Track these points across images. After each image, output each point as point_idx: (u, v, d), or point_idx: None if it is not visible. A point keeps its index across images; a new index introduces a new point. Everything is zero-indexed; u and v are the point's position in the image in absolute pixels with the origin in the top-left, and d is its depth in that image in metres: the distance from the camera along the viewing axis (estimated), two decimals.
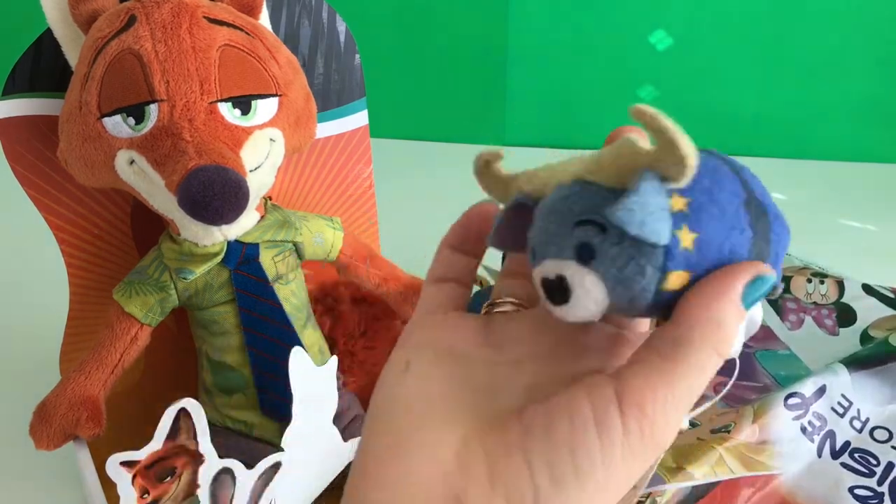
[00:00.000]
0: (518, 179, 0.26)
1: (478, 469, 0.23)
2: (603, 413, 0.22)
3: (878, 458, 0.51)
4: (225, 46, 0.45)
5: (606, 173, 0.23)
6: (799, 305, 0.65)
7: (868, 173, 1.07)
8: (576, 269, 0.23)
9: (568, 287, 0.23)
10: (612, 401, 0.22)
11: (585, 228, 0.23)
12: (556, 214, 0.23)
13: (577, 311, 0.23)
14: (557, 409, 0.23)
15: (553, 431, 0.22)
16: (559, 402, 0.23)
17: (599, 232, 0.22)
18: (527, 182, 0.26)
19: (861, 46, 1.06)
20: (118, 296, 0.51)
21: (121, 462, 0.43)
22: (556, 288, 0.23)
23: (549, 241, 0.23)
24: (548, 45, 1.13)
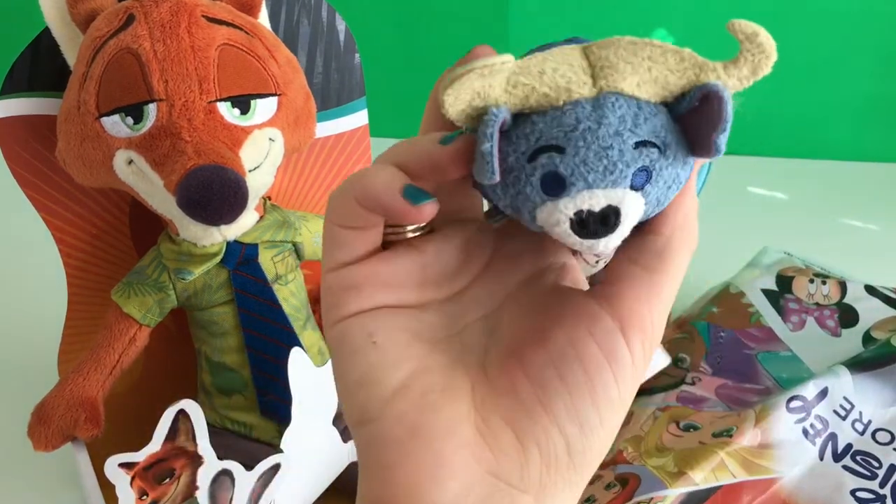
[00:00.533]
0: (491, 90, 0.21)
1: (504, 437, 0.23)
2: (610, 347, 0.22)
3: (881, 460, 0.51)
4: (224, 46, 0.45)
5: (647, 88, 0.21)
6: (801, 306, 0.65)
7: (870, 173, 1.07)
8: (632, 197, 0.20)
9: (619, 217, 0.20)
10: (614, 331, 0.23)
11: (649, 151, 0.20)
12: (609, 139, 0.20)
13: (617, 240, 0.21)
14: (563, 355, 0.23)
15: (568, 381, 0.22)
16: (561, 345, 0.23)
17: (659, 155, 0.20)
18: (504, 91, 0.21)
19: (863, 45, 1.05)
20: (117, 296, 0.51)
21: (119, 463, 0.42)
22: (598, 220, 0.20)
23: (599, 169, 0.20)
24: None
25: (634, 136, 0.20)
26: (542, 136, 0.21)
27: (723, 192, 1.01)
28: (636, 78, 0.21)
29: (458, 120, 0.21)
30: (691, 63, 0.21)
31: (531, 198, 0.21)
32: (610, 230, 0.20)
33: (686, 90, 0.21)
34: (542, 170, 0.20)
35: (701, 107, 0.21)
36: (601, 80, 0.21)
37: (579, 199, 0.20)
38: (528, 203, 0.21)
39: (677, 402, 0.57)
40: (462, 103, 0.21)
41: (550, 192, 0.21)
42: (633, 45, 0.21)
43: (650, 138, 0.20)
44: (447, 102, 0.21)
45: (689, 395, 0.57)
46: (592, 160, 0.20)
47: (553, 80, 0.21)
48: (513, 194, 0.21)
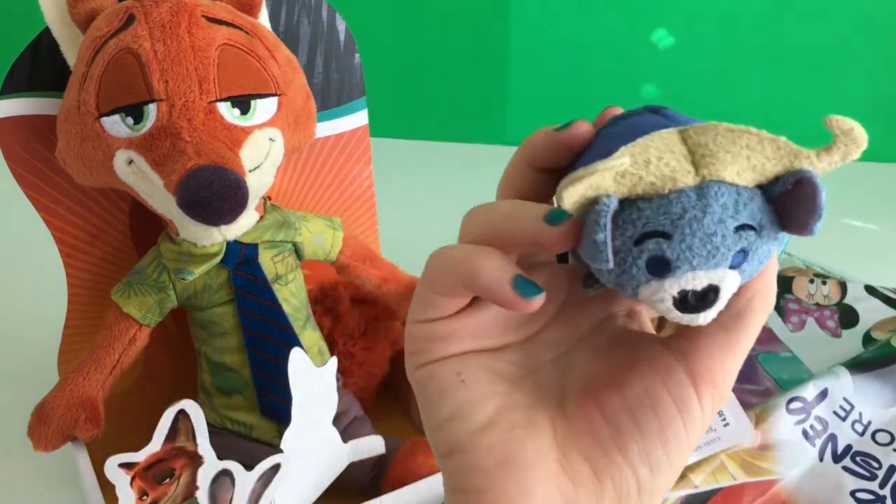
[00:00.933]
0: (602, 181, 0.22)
1: (582, 471, 0.25)
2: (683, 400, 0.24)
3: (880, 460, 0.51)
4: (224, 46, 0.45)
5: (746, 176, 0.22)
6: (801, 306, 0.65)
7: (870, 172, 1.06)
8: (731, 276, 0.22)
9: (719, 294, 0.22)
10: (687, 385, 0.24)
11: (747, 234, 0.22)
12: (713, 226, 0.22)
13: (715, 313, 0.23)
14: (639, 403, 0.25)
15: (643, 426, 0.24)
16: (637, 393, 0.25)
17: (756, 236, 0.22)
18: (613, 181, 0.22)
19: (864, 45, 1.05)
20: (117, 296, 0.51)
21: (119, 463, 0.42)
22: (699, 298, 0.22)
23: (703, 253, 0.22)
24: (548, 44, 1.12)
25: (735, 221, 0.22)
26: (650, 223, 0.22)
27: None
28: (736, 167, 0.22)
29: (573, 209, 0.23)
30: (787, 151, 0.23)
31: (636, 277, 0.22)
32: (709, 306, 0.22)
33: (780, 175, 0.23)
34: (648, 253, 0.22)
35: (793, 190, 0.23)
36: (703, 168, 0.22)
37: (683, 280, 0.22)
38: (632, 281, 0.22)
39: None
40: (576, 195, 0.22)
41: (655, 273, 0.22)
42: (731, 133, 0.22)
43: (749, 222, 0.22)
44: (565, 197, 0.22)
45: None
46: (697, 246, 0.22)
47: (658, 169, 0.22)
48: (617, 273, 0.23)
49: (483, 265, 0.23)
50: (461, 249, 0.24)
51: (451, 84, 1.17)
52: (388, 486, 0.51)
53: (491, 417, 0.25)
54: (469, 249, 0.23)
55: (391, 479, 0.52)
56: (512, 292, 0.22)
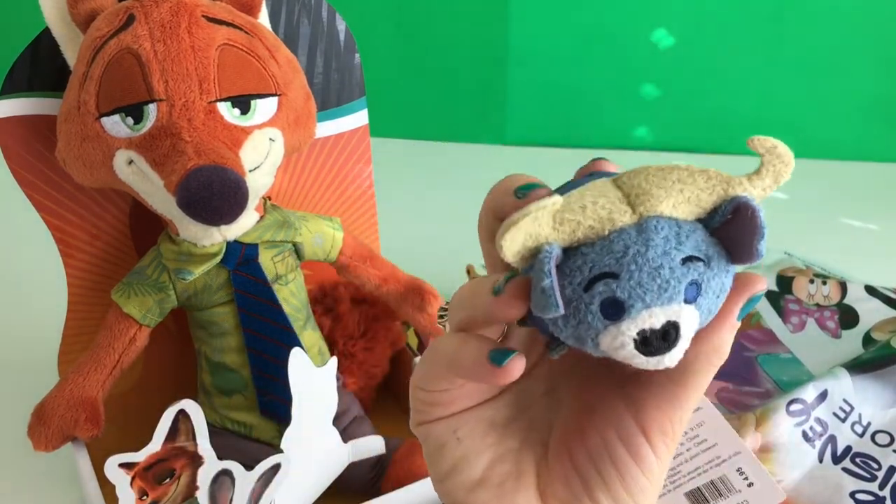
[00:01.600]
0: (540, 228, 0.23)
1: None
2: (636, 449, 0.25)
3: (880, 462, 0.51)
4: (224, 46, 0.45)
5: (682, 209, 0.23)
6: (801, 307, 0.65)
7: (870, 172, 1.07)
8: (688, 311, 0.22)
9: (679, 331, 0.22)
10: (638, 435, 0.25)
11: (696, 265, 0.22)
12: (658, 259, 0.22)
13: (679, 353, 0.22)
14: (598, 453, 0.26)
15: (604, 476, 0.26)
16: (595, 444, 0.26)
17: (705, 268, 0.22)
18: (552, 229, 0.23)
19: (864, 45, 1.05)
20: (117, 296, 0.51)
21: (119, 463, 0.42)
22: (660, 337, 0.22)
23: (654, 288, 0.21)
24: (548, 44, 1.12)
25: (680, 252, 0.22)
26: (596, 266, 0.22)
27: None
28: (671, 200, 0.23)
29: (515, 262, 0.23)
30: (718, 180, 0.23)
31: (593, 325, 0.22)
32: (672, 345, 0.22)
33: (717, 205, 0.23)
34: (600, 297, 0.22)
35: (734, 218, 0.23)
36: (639, 206, 0.23)
37: (640, 319, 0.21)
38: (590, 331, 0.22)
39: None
40: (517, 245, 0.22)
41: (610, 318, 0.22)
42: (661, 171, 0.23)
43: (695, 253, 0.22)
44: (505, 247, 0.22)
45: None
46: (647, 281, 0.21)
47: (595, 212, 0.22)
48: (574, 325, 0.22)
49: (461, 354, 0.24)
50: (446, 342, 0.25)
51: (451, 84, 1.17)
52: (388, 487, 0.51)
53: (484, 472, 0.27)
54: (451, 341, 0.25)
55: (391, 479, 0.52)
56: (491, 369, 0.23)
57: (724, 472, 0.31)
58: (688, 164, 0.23)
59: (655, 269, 0.21)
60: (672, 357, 0.22)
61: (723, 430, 0.30)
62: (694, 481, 0.31)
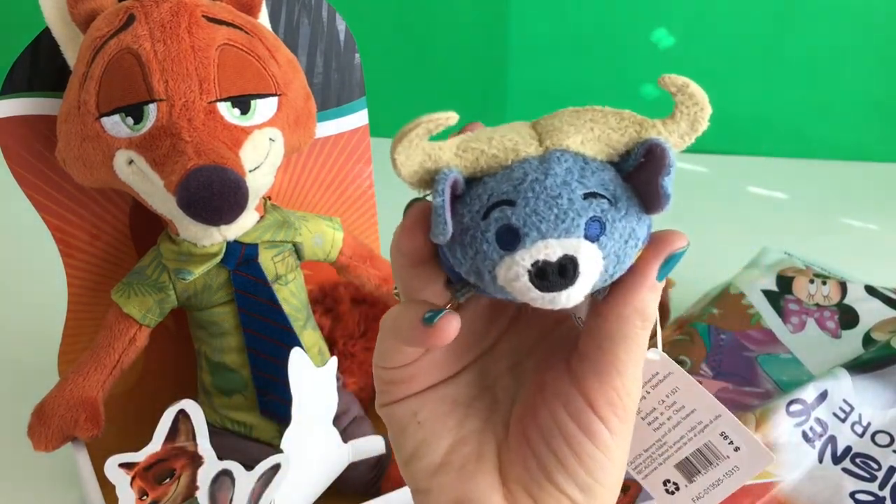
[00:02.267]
0: (441, 152, 0.22)
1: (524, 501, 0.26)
2: (587, 425, 0.25)
3: (880, 462, 0.51)
4: (224, 46, 0.45)
5: (592, 146, 0.22)
6: (801, 307, 0.65)
7: (870, 172, 1.07)
8: (587, 247, 0.20)
9: (577, 268, 0.20)
10: (586, 410, 0.25)
11: (599, 202, 0.21)
12: (557, 188, 0.21)
13: (578, 294, 0.21)
14: (550, 432, 0.25)
15: (559, 455, 0.25)
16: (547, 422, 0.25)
17: (610, 206, 0.21)
18: (455, 155, 0.22)
19: (864, 46, 1.05)
20: (117, 296, 0.51)
21: (119, 463, 0.42)
22: (556, 271, 0.20)
23: (550, 218, 0.20)
24: (548, 43, 1.12)
25: (582, 186, 0.21)
26: (494, 193, 0.21)
27: (723, 192, 1.01)
28: (580, 137, 0.22)
29: (412, 181, 0.22)
30: (631, 121, 0.22)
31: (489, 255, 0.21)
32: (569, 282, 0.20)
33: (630, 148, 0.22)
34: (495, 224, 0.21)
35: (646, 162, 0.22)
36: (546, 140, 0.22)
37: (534, 249, 0.20)
38: (486, 261, 0.21)
39: None
40: (414, 164, 0.22)
41: (506, 247, 0.21)
42: (576, 112, 0.23)
43: (598, 190, 0.21)
44: (398, 162, 0.22)
45: None
46: (543, 209, 0.20)
47: (501, 143, 0.22)
48: (471, 255, 0.21)
49: (400, 320, 0.24)
50: (390, 312, 0.25)
51: (451, 84, 1.17)
52: (388, 487, 0.51)
53: (444, 456, 0.26)
54: (394, 310, 0.25)
55: (391, 479, 0.52)
56: (424, 329, 0.23)
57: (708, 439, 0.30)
58: (604, 107, 0.22)
59: (553, 197, 0.21)
60: (570, 296, 0.21)
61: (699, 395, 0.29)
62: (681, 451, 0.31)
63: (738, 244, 0.73)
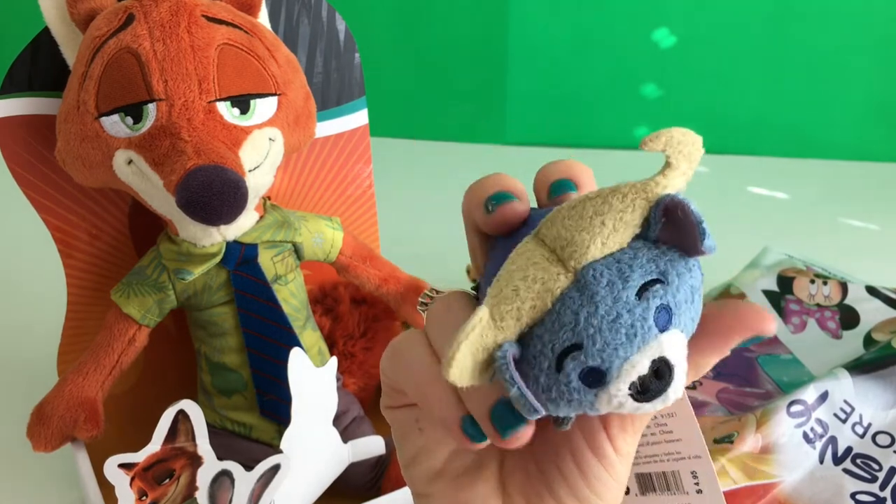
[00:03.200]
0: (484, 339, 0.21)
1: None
2: (596, 444, 0.25)
3: (881, 462, 0.51)
4: (224, 45, 0.45)
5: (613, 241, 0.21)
6: (802, 307, 0.65)
7: (871, 172, 1.07)
8: (669, 339, 0.20)
9: (670, 364, 0.20)
10: (599, 429, 0.25)
11: (654, 289, 0.20)
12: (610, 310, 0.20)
13: (680, 384, 0.21)
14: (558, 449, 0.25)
15: (564, 472, 0.25)
16: (556, 438, 0.25)
17: (662, 287, 0.20)
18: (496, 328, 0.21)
19: (864, 46, 1.05)
20: (116, 296, 0.51)
21: (119, 464, 0.42)
22: (654, 377, 0.20)
23: (623, 341, 0.20)
24: (548, 44, 1.12)
25: (631, 289, 0.20)
26: (556, 344, 0.21)
27: (723, 192, 1.01)
28: (598, 240, 0.21)
29: (475, 382, 0.21)
30: (633, 193, 0.21)
31: (584, 399, 0.21)
32: (670, 380, 0.20)
33: (647, 216, 0.21)
34: (575, 372, 0.20)
35: (668, 220, 0.21)
36: (569, 261, 0.21)
37: (624, 374, 0.20)
38: (583, 404, 0.21)
39: None
40: (468, 370, 0.21)
41: (596, 385, 0.20)
42: (574, 210, 0.21)
43: (647, 279, 0.20)
44: (457, 379, 0.21)
45: (690, 400, 0.57)
46: (612, 337, 0.20)
47: (530, 289, 0.21)
48: (566, 404, 0.21)
49: (435, 400, 0.23)
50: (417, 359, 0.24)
51: (450, 84, 1.17)
52: (388, 487, 0.51)
53: (445, 463, 0.26)
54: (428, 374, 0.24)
55: (391, 479, 0.52)
56: (459, 434, 0.23)
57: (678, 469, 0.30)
58: (598, 190, 0.21)
59: (613, 321, 0.20)
60: (676, 390, 0.21)
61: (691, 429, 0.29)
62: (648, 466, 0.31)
63: (739, 244, 0.73)
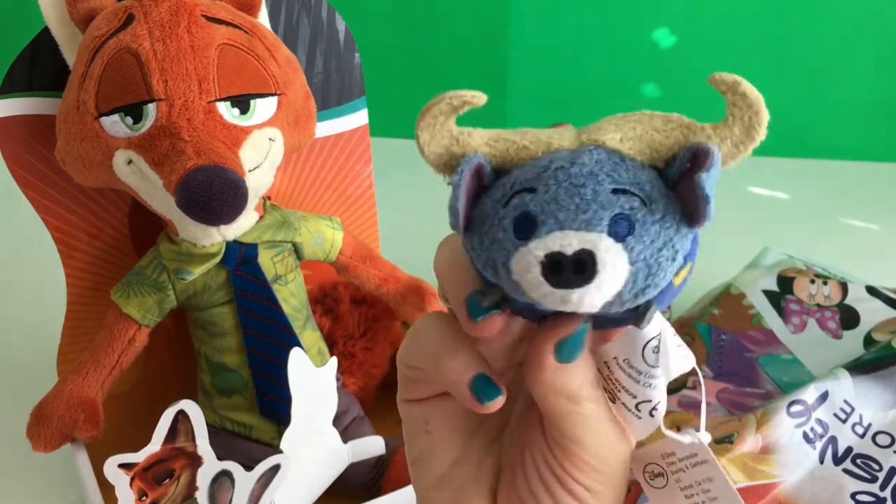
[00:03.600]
0: (470, 138, 0.21)
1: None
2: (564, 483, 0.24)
3: (881, 463, 0.51)
4: (224, 45, 0.45)
5: (632, 145, 0.20)
6: (802, 307, 0.65)
7: (871, 172, 1.07)
8: (609, 244, 0.18)
9: (596, 264, 0.18)
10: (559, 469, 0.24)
11: (630, 199, 0.19)
12: (582, 178, 0.19)
13: (594, 297, 0.19)
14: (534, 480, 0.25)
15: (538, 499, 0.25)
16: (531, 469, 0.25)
17: (641, 206, 0.19)
18: (485, 143, 0.21)
19: (866, 45, 1.05)
20: (116, 296, 0.51)
21: (119, 464, 0.42)
22: (572, 266, 0.18)
23: (570, 207, 0.19)
24: (548, 43, 1.12)
25: (612, 181, 0.19)
26: (517, 182, 0.20)
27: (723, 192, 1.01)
28: (619, 134, 0.20)
29: (436, 165, 0.21)
30: (678, 124, 0.20)
31: (504, 245, 0.20)
32: (585, 280, 0.18)
33: (675, 152, 0.20)
34: (513, 212, 0.20)
35: (692, 168, 0.20)
36: (583, 134, 0.21)
37: (550, 239, 0.19)
38: (501, 252, 0.20)
39: (678, 407, 0.57)
40: (439, 147, 0.21)
41: (521, 236, 0.19)
42: (624, 115, 0.21)
43: (631, 188, 0.19)
44: (422, 140, 0.21)
45: (690, 400, 0.57)
46: (563, 198, 0.19)
47: (535, 135, 0.21)
48: (487, 245, 0.20)
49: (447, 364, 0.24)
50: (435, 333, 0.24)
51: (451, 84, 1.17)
52: (388, 486, 0.51)
53: (445, 472, 0.26)
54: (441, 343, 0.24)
55: (391, 479, 0.52)
56: (469, 395, 0.23)
57: None
58: (654, 111, 0.21)
59: (576, 186, 0.19)
60: (583, 297, 0.18)
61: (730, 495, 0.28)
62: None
63: (739, 244, 0.72)
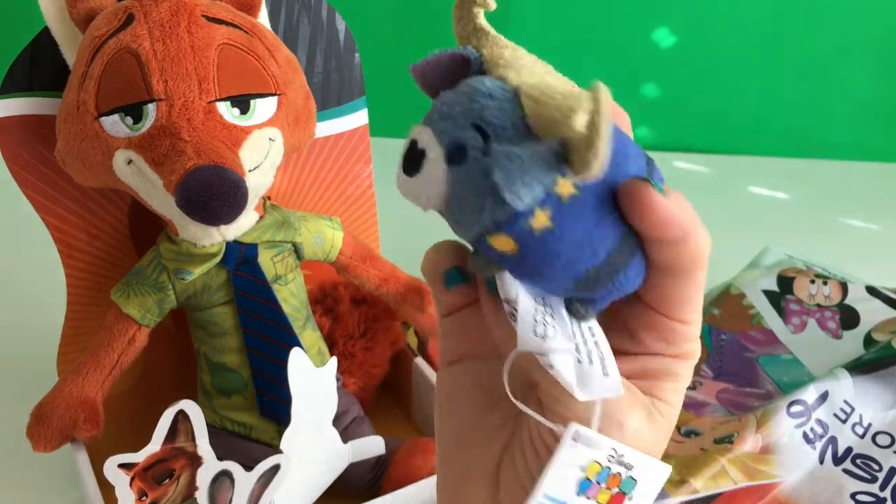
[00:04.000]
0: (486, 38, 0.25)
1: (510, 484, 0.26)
2: None
3: (881, 463, 0.51)
4: (224, 45, 0.45)
5: (537, 109, 0.21)
6: (802, 307, 0.65)
7: (871, 172, 1.07)
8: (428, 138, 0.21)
9: (423, 154, 0.21)
10: None
11: (474, 133, 0.21)
12: (466, 100, 0.21)
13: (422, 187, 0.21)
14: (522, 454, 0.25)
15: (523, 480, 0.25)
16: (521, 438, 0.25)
17: (480, 140, 0.21)
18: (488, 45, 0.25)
19: (864, 45, 1.05)
20: (116, 296, 0.51)
21: (119, 464, 0.42)
22: (410, 155, 0.22)
23: (440, 114, 0.22)
24: (548, 43, 1.12)
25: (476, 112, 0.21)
26: None
27: (724, 192, 1.01)
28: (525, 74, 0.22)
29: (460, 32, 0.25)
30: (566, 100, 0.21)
31: None
32: (413, 167, 0.22)
33: None
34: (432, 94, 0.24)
35: None
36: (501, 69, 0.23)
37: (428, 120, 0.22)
38: None
39: None
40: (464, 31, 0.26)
41: None
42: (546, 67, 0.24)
43: (484, 125, 0.21)
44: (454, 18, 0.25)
45: (690, 400, 0.57)
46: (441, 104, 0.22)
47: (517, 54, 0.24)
48: None
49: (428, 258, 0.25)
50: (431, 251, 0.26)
51: None
52: (388, 486, 0.51)
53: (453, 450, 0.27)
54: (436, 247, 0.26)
55: (391, 479, 0.52)
56: (440, 285, 0.25)
57: None
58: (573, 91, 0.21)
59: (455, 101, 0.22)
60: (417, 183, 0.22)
61: None
62: None
63: (739, 244, 0.73)
